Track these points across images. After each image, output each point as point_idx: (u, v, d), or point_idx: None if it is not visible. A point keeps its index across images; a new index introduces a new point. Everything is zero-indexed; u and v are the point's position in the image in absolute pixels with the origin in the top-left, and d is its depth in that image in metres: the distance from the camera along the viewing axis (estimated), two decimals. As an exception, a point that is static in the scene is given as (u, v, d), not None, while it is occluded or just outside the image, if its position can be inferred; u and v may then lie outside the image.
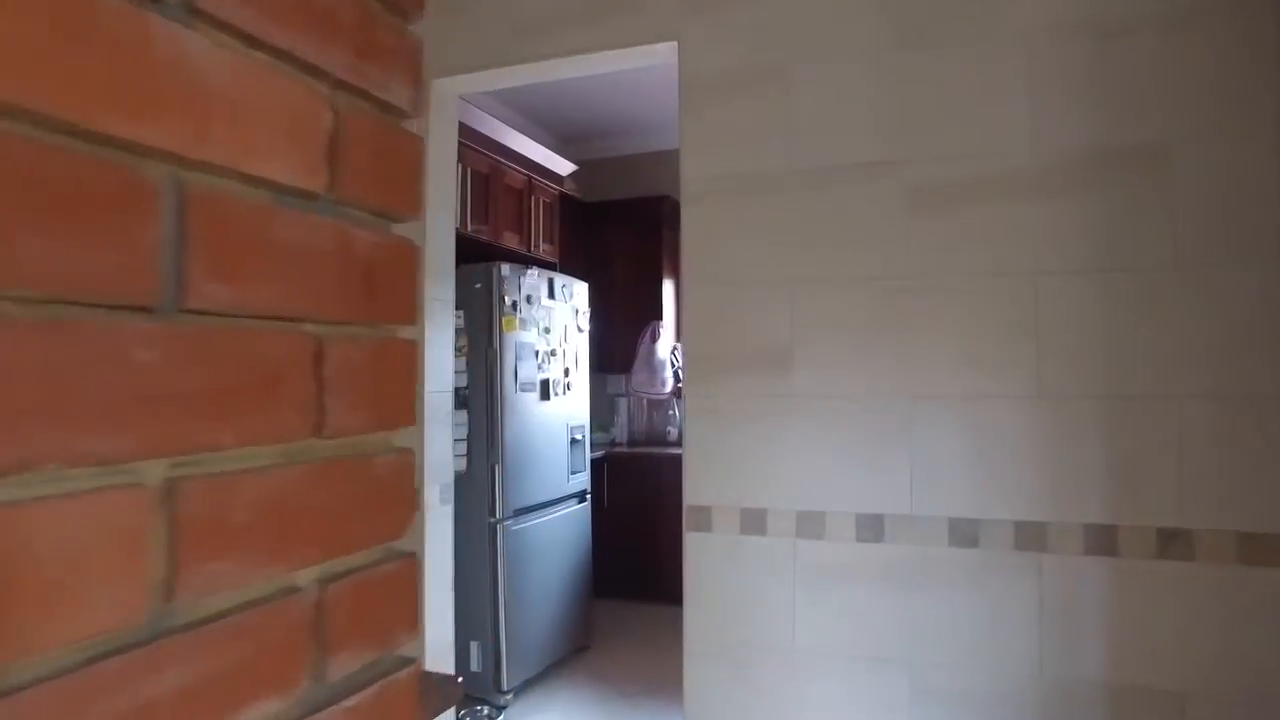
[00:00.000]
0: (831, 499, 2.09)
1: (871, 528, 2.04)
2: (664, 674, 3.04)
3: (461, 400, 3.16)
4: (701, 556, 2.22)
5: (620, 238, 4.94)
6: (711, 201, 2.24)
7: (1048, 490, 1.89)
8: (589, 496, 3.85)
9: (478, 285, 3.15)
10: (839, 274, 2.11)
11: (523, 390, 3.27)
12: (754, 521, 2.16)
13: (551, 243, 3.92)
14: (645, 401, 5.16)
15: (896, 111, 2.07)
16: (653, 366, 4.87)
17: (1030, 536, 1.89)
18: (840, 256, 2.11)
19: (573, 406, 3.70)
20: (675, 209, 4.97)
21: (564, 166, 4.02)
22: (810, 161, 2.14)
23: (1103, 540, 1.83)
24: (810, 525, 2.10)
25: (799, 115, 2.16)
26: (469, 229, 3.21)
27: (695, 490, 2.24)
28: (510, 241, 3.55)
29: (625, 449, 4.88)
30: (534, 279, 3.35)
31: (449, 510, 2.67)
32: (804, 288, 2.14)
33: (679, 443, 5.14)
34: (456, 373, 3.17)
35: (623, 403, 5.21)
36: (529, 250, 3.70)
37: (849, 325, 2.09)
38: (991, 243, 1.97)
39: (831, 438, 2.09)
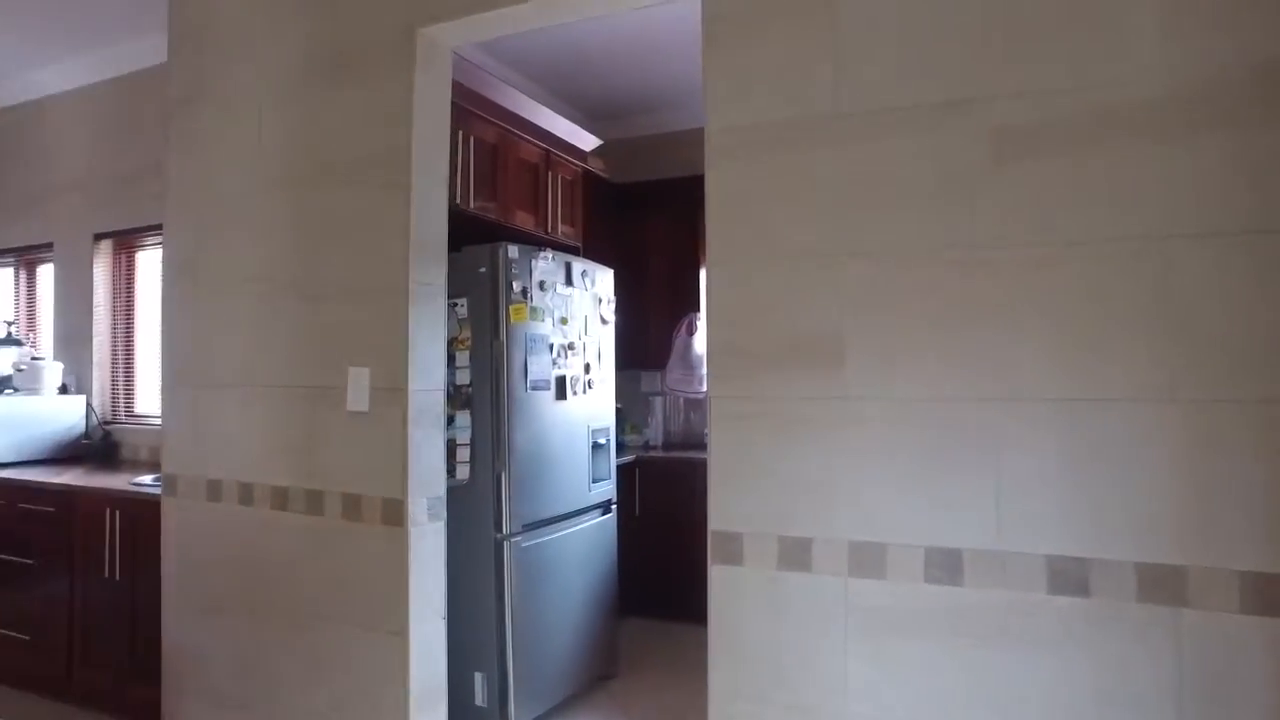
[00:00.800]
0: (894, 528, 1.65)
1: (946, 566, 1.60)
2: (702, 708, 2.63)
3: (465, 400, 2.80)
4: (730, 596, 1.80)
5: (654, 222, 4.53)
6: (741, 159, 1.83)
7: (1187, 524, 1.42)
8: (615, 506, 3.46)
9: (481, 269, 2.78)
10: (903, 244, 1.67)
11: (534, 389, 2.89)
12: (796, 554, 1.74)
13: (572, 225, 3.53)
14: (682, 401, 4.75)
15: (975, 33, 1.62)
16: (689, 362, 4.45)
17: (1162, 584, 1.43)
18: (904, 222, 1.67)
19: (595, 407, 3.31)
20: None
21: (588, 141, 3.63)
22: (864, 103, 1.71)
23: (1272, 594, 1.36)
24: (867, 560, 1.67)
25: (850, 45, 1.72)
26: (471, 205, 2.84)
27: (723, 513, 1.82)
28: (524, 222, 3.17)
29: (659, 453, 4.48)
30: (548, 263, 2.97)
31: (439, 527, 2.30)
32: (859, 262, 1.71)
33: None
34: (459, 369, 2.81)
35: (658, 402, 4.81)
36: (546, 232, 3.32)
37: (917, 308, 1.65)
38: (1104, 199, 1.51)
39: (894, 451, 1.66)
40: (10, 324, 4.03)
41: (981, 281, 1.59)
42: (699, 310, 4.49)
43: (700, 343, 4.48)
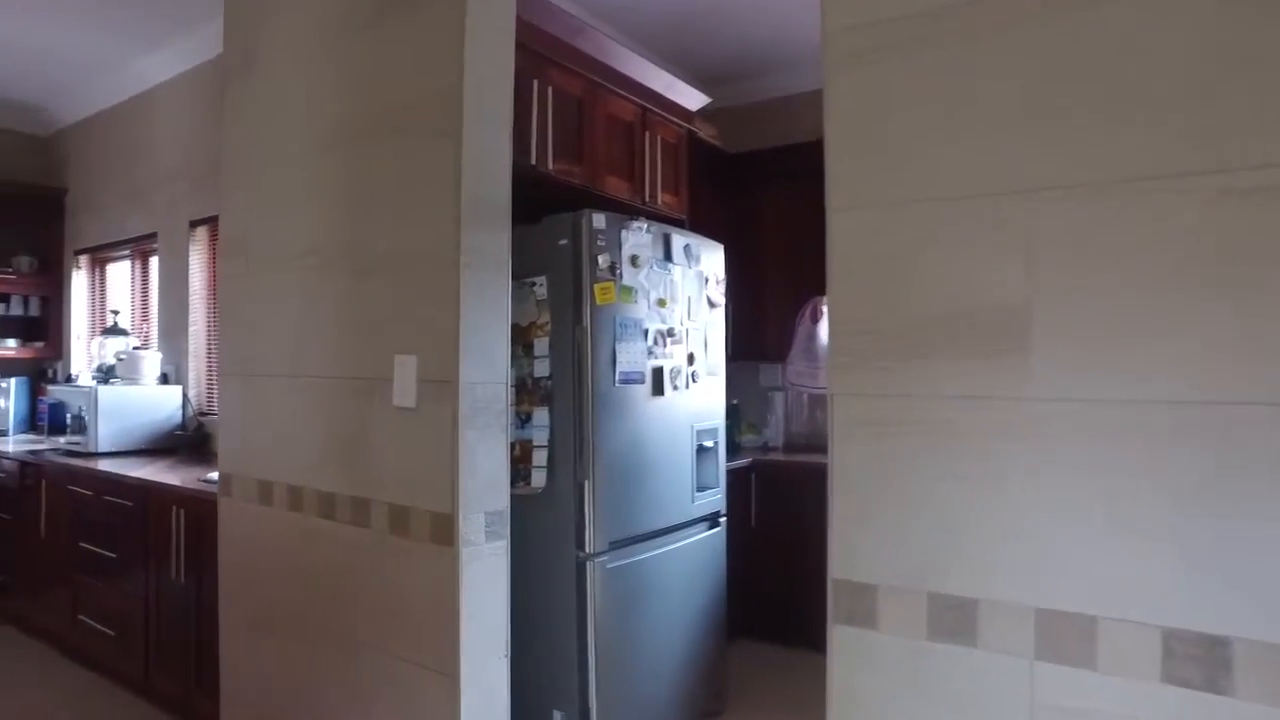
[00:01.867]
0: (1110, 594, 1.10)
1: (1202, 661, 1.04)
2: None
3: (544, 395, 2.41)
4: (857, 670, 1.30)
5: (772, 194, 4.00)
6: (874, 65, 1.31)
7: None
8: (724, 519, 2.99)
9: (562, 241, 2.38)
10: (1130, 168, 1.11)
11: (625, 382, 2.47)
12: (954, 620, 1.22)
13: (675, 194, 3.08)
14: (806, 397, 4.21)
15: None
16: (813, 353, 3.90)
17: None
18: (1133, 136, 1.10)
19: (701, 403, 2.85)
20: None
21: (693, 98, 3.17)
22: (1067, -36, 1.16)
23: None
24: (1065, 639, 1.13)
25: (1045, -120, 1.17)
26: (551, 167, 2.44)
27: (848, 555, 1.33)
28: (616, 189, 2.76)
29: (780, 455, 3.96)
30: (642, 234, 2.53)
31: (500, 548, 1.92)
32: (1056, 199, 1.16)
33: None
34: (537, 358, 2.43)
35: (779, 398, 4.28)
36: (643, 202, 2.89)
37: (1156, 264, 1.09)
38: None
39: (1111, 479, 1.10)
40: (115, 314, 4.04)
41: (1261, 224, 1.01)
42: (824, 293, 3.93)
43: (826, 330, 3.91)
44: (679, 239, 2.73)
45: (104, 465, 3.26)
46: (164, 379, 3.82)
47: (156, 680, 2.90)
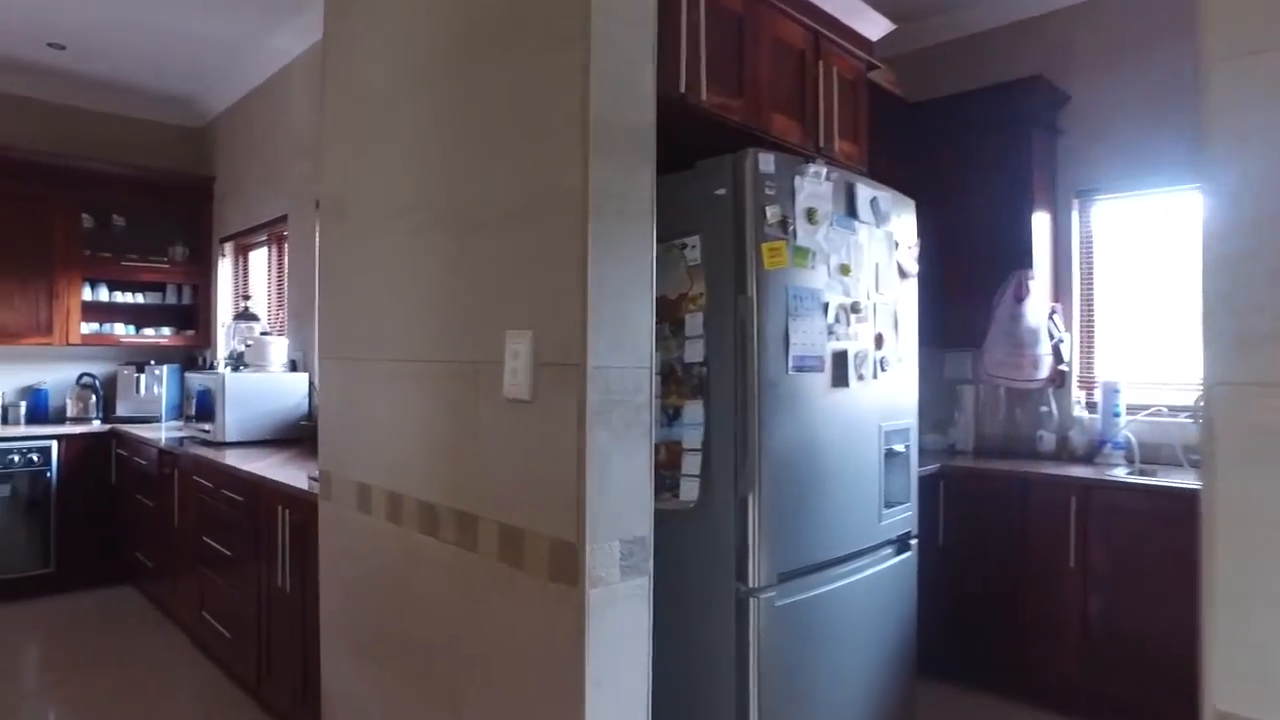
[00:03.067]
0: None
1: None
2: None
3: (697, 385, 1.92)
4: None
5: (964, 148, 3.32)
6: None
7: None
8: (914, 541, 2.39)
9: (720, 190, 1.87)
10: None
11: (800, 369, 1.93)
12: None
13: (853, 140, 2.49)
14: (1003, 392, 3.49)
15: None
16: (1017, 339, 3.20)
17: None
18: None
19: (890, 397, 2.27)
20: (1050, 96, 3.21)
21: (874, 24, 2.56)
22: None
23: None
24: None
25: None
26: (704, 98, 1.93)
27: (1246, 671, 0.75)
28: (783, 130, 2.21)
29: (970, 461, 3.28)
30: (821, 182, 1.99)
31: (640, 587, 1.45)
32: None
33: (1054, 455, 3.35)
34: (689, 339, 1.94)
35: (968, 393, 3.58)
36: (817, 148, 2.32)
37: None
38: None
39: None
40: (247, 299, 3.92)
41: None
42: (1030, 266, 3.21)
43: (1033, 312, 3.20)
44: (865, 190, 2.15)
45: (229, 455, 3.09)
46: (292, 366, 3.64)
47: (268, 690, 2.66)
